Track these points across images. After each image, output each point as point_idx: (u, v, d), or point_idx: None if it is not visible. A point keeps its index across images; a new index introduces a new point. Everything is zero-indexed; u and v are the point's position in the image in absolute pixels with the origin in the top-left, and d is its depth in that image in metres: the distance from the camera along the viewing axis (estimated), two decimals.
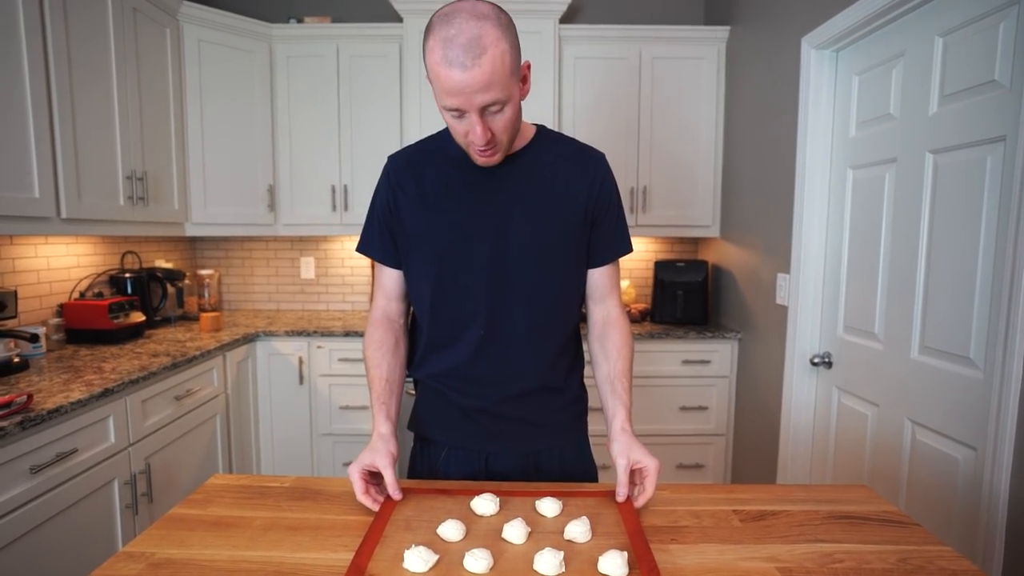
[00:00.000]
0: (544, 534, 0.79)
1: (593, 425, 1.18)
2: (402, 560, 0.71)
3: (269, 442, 2.48)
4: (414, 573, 0.69)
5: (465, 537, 0.77)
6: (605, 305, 1.07)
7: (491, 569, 0.70)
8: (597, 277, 1.05)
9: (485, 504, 0.84)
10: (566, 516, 0.83)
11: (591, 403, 1.15)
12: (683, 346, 2.44)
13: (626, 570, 0.69)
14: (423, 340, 1.05)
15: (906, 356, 1.52)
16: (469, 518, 0.83)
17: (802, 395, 1.97)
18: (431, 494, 0.91)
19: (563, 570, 0.69)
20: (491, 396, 1.02)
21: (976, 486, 1.29)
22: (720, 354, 2.45)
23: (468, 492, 0.90)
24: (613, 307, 1.07)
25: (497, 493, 0.88)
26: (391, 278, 1.06)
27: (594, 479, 1.11)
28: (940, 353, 1.40)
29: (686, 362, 2.45)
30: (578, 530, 0.77)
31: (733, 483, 2.46)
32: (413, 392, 1.14)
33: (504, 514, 0.84)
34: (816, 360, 1.89)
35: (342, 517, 0.86)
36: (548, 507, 0.84)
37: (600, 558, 0.71)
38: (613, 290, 1.07)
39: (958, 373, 1.35)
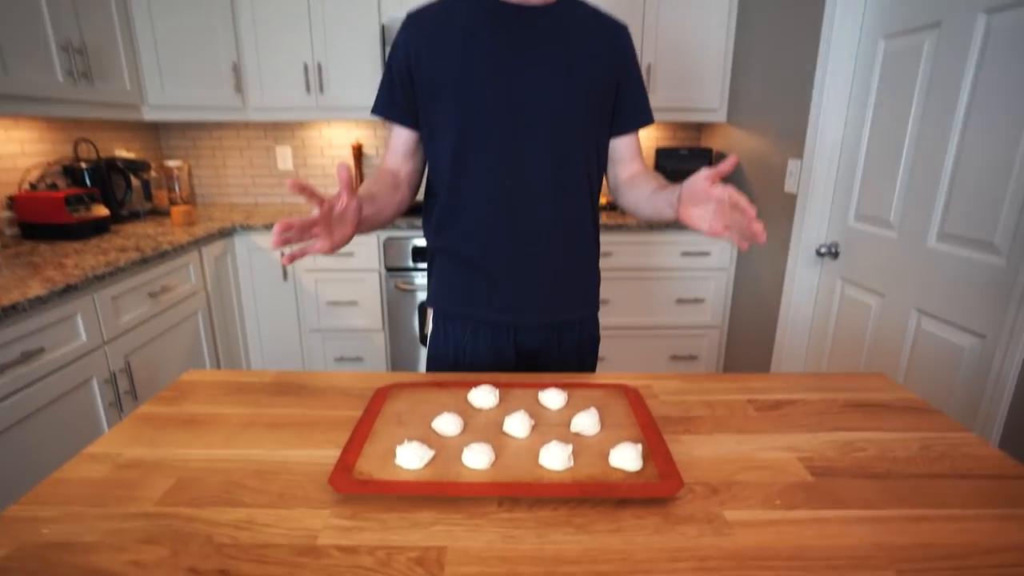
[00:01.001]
0: (549, 427, 0.73)
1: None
2: (394, 457, 0.64)
3: (257, 339, 2.43)
4: (408, 470, 0.63)
5: (463, 431, 0.71)
6: (631, 167, 1.05)
7: (493, 465, 0.64)
8: (621, 144, 1.05)
9: (484, 396, 0.78)
10: (572, 408, 0.77)
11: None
12: (683, 237, 2.35)
13: (640, 463, 0.63)
14: (441, 204, 1.00)
15: (921, 244, 1.44)
16: (467, 412, 0.76)
17: (804, 286, 1.91)
18: (424, 387, 0.84)
19: (571, 464, 0.64)
20: (516, 257, 0.99)
21: (980, 374, 1.26)
22: (720, 246, 2.37)
23: (464, 384, 0.83)
24: (639, 166, 1.06)
25: (496, 385, 0.81)
26: (402, 138, 1.02)
27: (595, 361, 1.12)
28: (961, 240, 1.32)
29: (685, 254, 2.37)
30: (586, 422, 0.71)
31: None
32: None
33: (504, 407, 0.77)
34: (823, 250, 1.81)
35: (327, 412, 0.79)
36: (552, 399, 0.78)
37: (611, 451, 0.65)
38: (637, 156, 1.06)
39: (978, 260, 1.27)
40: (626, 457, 0.63)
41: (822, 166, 1.79)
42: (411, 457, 0.63)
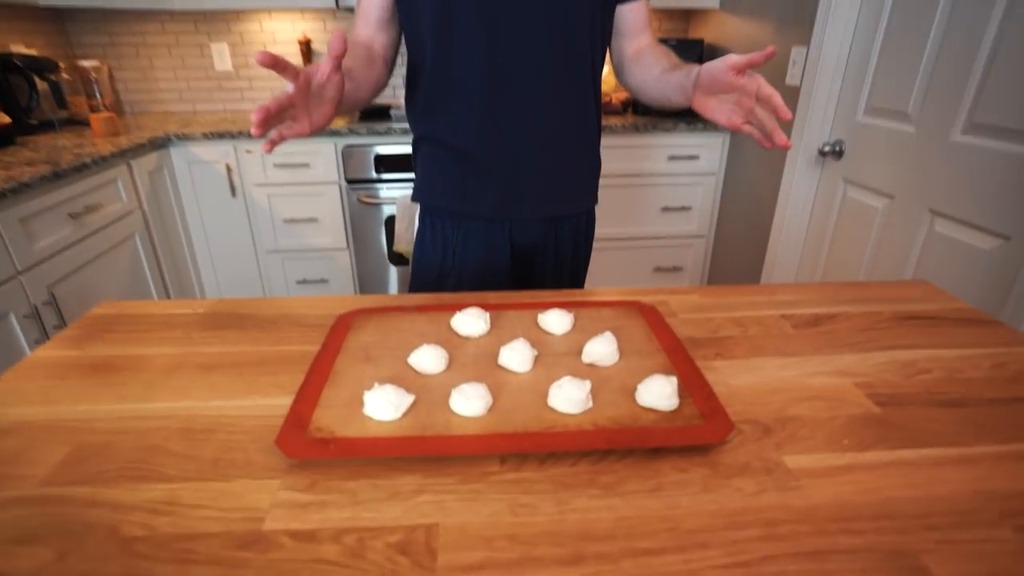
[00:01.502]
0: (555, 357, 0.59)
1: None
2: (362, 405, 0.50)
3: (209, 264, 2.21)
4: (381, 422, 0.49)
5: (448, 367, 0.57)
6: (638, 40, 0.90)
7: (490, 410, 0.50)
8: (628, 13, 0.89)
9: (471, 321, 0.63)
10: (580, 332, 0.63)
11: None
12: (670, 140, 2.16)
13: (677, 400, 0.50)
14: (425, 86, 0.87)
15: (943, 138, 1.30)
16: (451, 341, 0.62)
17: (802, 190, 1.78)
18: (396, 312, 0.68)
19: (591, 405, 0.50)
20: (511, 144, 0.86)
21: (1003, 277, 1.17)
22: (709, 148, 2.20)
23: (446, 307, 0.68)
24: (648, 39, 0.91)
25: (485, 307, 0.66)
26: (374, 3, 0.85)
27: (588, 260, 1.04)
28: (993, 131, 1.18)
29: (672, 158, 2.19)
30: (602, 350, 0.57)
31: (713, 285, 2.40)
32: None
33: (497, 334, 0.63)
34: (826, 149, 1.66)
35: (277, 349, 0.63)
36: (555, 322, 0.64)
37: (639, 386, 0.52)
38: (646, 27, 0.91)
39: (1011, 153, 1.14)
40: (659, 393, 0.50)
41: (831, 53, 1.60)
42: (384, 405, 0.49)
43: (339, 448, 0.45)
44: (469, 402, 0.49)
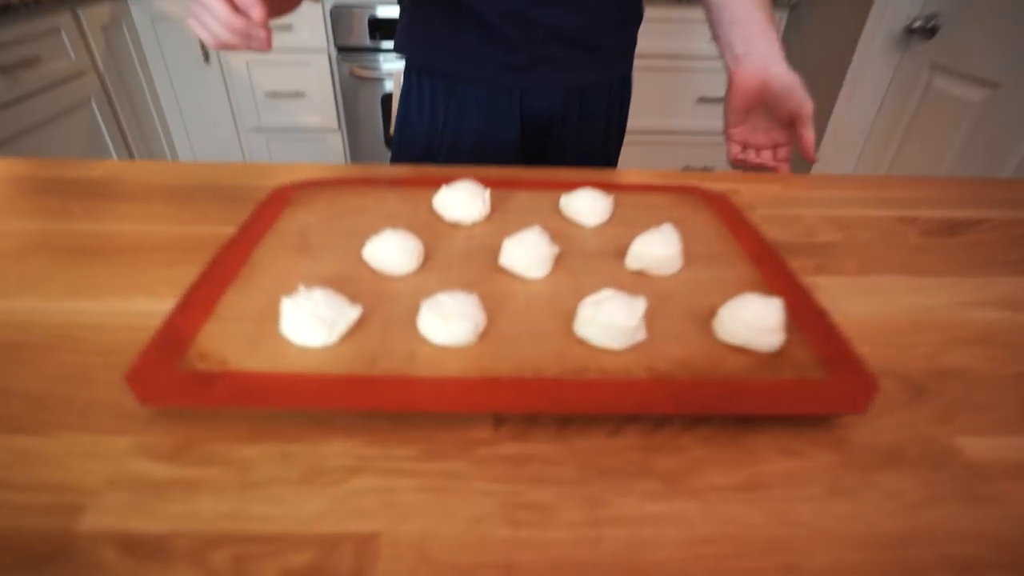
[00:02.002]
0: (586, 259, 0.39)
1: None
2: (277, 320, 0.31)
3: (185, 141, 1.97)
4: (303, 349, 0.30)
5: (423, 266, 0.38)
6: None
7: (481, 337, 0.32)
8: None
9: (463, 200, 0.43)
10: (622, 224, 0.43)
11: None
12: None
13: (781, 336, 0.31)
14: None
15: None
16: (431, 228, 0.42)
17: (873, 79, 1.49)
18: (358, 187, 0.48)
19: (643, 337, 0.32)
20: None
21: None
22: None
23: (429, 182, 0.48)
24: None
25: (486, 182, 0.45)
26: None
27: (622, 134, 0.86)
28: None
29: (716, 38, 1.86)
30: (659, 252, 0.37)
31: None
32: None
33: (500, 220, 0.43)
34: (916, 25, 1.35)
35: (184, 229, 0.44)
36: (586, 206, 0.43)
37: (721, 311, 0.32)
38: None
39: None
40: (754, 323, 0.31)
41: None
42: (309, 321, 0.30)
43: (229, 390, 0.27)
44: (448, 323, 0.31)
